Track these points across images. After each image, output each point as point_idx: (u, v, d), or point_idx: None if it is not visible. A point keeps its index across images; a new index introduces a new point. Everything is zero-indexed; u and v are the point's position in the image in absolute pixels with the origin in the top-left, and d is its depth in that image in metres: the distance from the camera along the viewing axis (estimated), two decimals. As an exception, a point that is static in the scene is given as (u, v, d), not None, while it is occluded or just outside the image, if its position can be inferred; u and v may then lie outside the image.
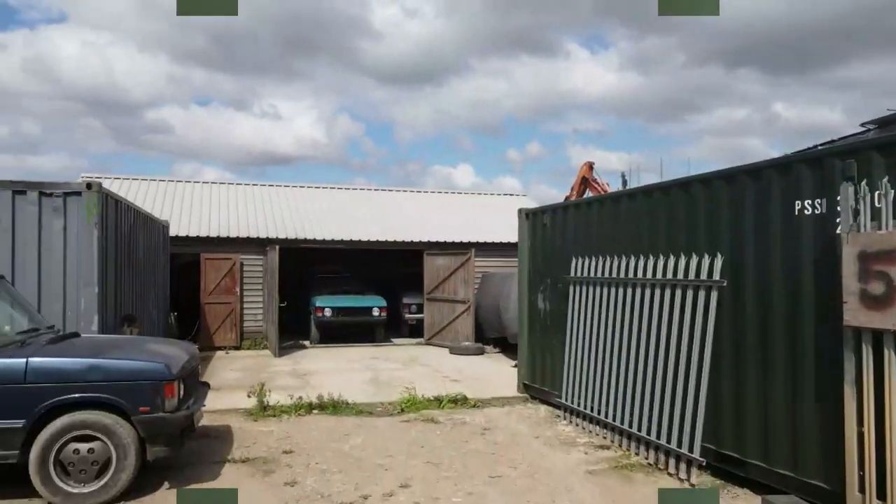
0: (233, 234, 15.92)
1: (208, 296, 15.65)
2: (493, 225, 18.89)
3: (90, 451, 5.45)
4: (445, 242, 17.26)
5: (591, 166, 29.47)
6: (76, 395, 5.44)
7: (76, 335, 6.67)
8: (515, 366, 12.60)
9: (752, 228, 6.05)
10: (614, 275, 7.87)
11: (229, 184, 19.16)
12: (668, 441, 6.61)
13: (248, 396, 9.07)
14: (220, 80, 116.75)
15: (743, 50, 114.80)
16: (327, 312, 16.53)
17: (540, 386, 9.81)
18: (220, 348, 15.51)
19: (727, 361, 6.26)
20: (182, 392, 5.97)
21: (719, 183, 6.45)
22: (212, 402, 7.83)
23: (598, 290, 8.21)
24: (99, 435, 5.46)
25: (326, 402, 9.03)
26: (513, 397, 10.17)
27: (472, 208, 20.26)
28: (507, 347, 15.12)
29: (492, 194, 22.03)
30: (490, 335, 15.82)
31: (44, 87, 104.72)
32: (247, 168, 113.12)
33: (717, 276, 6.35)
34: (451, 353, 15.19)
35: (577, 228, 8.97)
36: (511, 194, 22.07)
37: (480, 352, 15.15)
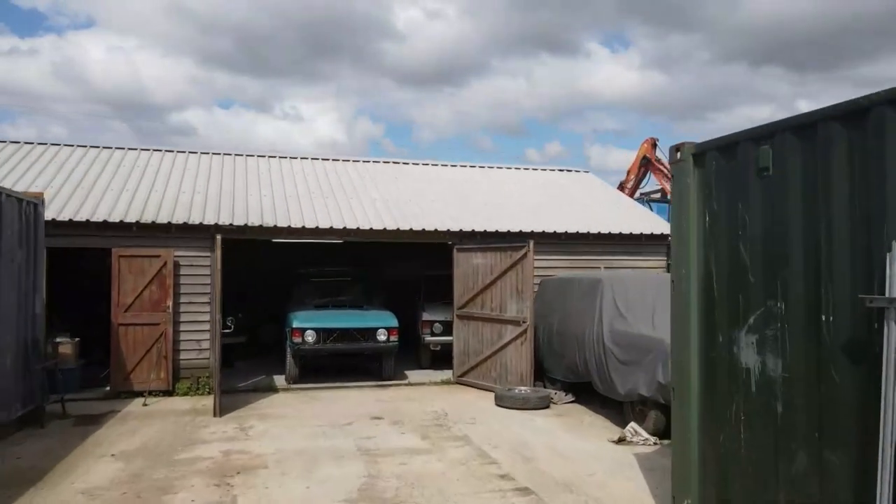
0: (163, 219, 10.43)
1: (124, 313, 10.17)
2: (551, 209, 13.26)
3: None
4: (486, 232, 11.65)
5: (654, 144, 23.66)
6: None
7: None
8: (621, 440, 7.61)
9: None
10: None
11: (179, 152, 13.67)
12: None
13: None
14: (243, 83, 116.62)
15: (767, 47, 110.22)
16: (310, 337, 11.01)
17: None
18: (139, 394, 10.04)
19: None
20: None
21: None
22: None
23: None
24: None
25: None
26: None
27: (521, 187, 14.61)
28: (581, 390, 9.51)
29: (543, 169, 16.31)
30: (554, 373, 10.20)
31: (71, 91, 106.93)
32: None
33: None
34: (498, 403, 9.59)
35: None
36: (566, 169, 16.36)
37: (546, 404, 9.50)
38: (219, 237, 8.98)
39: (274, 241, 11.53)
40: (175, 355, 10.29)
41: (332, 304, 12.20)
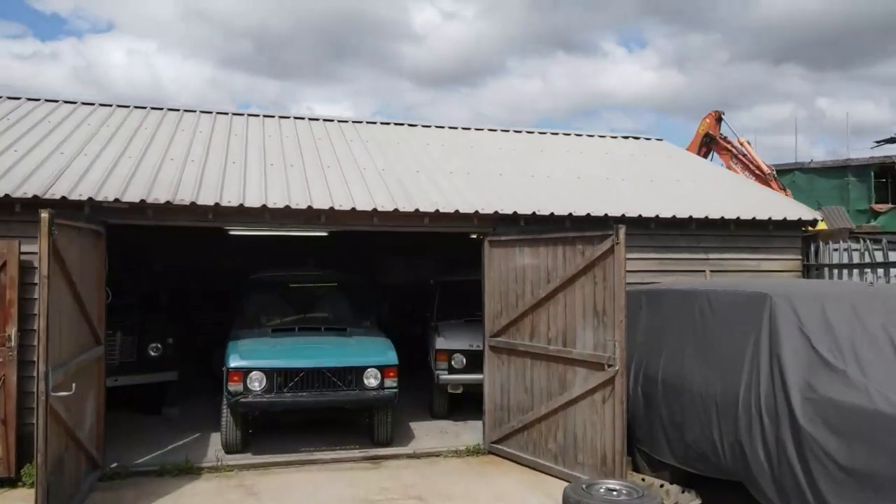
0: (12, 190, 6.27)
1: (-64, 346, 6.06)
2: (627, 186, 9.03)
3: None
4: (534, 217, 7.43)
5: (718, 118, 19.28)
6: None
7: None
8: None
9: None
10: None
11: (85, 104, 9.48)
12: None
13: None
14: (262, 84, 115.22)
15: (786, 46, 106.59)
16: (256, 382, 6.86)
17: None
18: (-43, 486, 5.91)
19: None
20: None
21: None
22: None
23: None
24: None
25: None
26: None
27: (579, 158, 10.33)
28: (716, 486, 5.27)
29: (602, 136, 11.85)
30: (658, 451, 5.94)
31: (92, 94, 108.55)
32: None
33: None
34: (569, 502, 5.35)
35: None
36: (634, 136, 11.96)
37: (657, 515, 5.26)
38: (45, 216, 4.79)
39: (231, 233, 7.53)
40: (22, 418, 6.13)
41: (299, 325, 8.04)
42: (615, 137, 11.70)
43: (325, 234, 8.83)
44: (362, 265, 10.83)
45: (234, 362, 6.91)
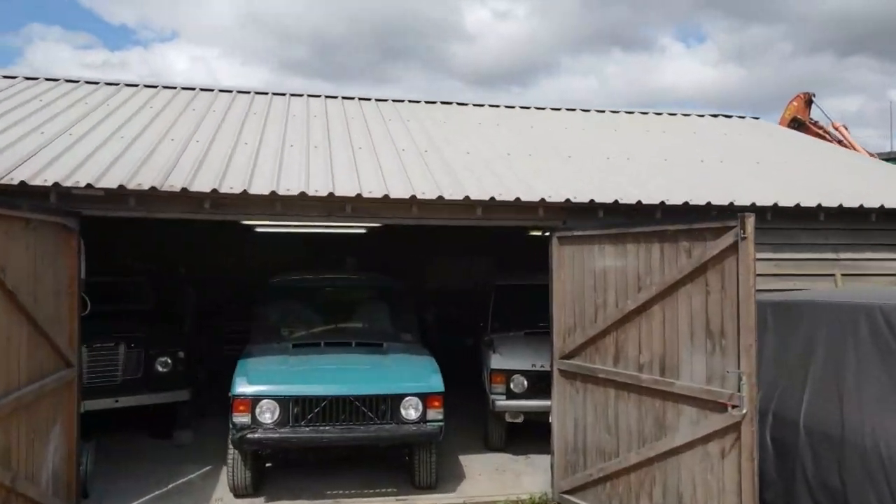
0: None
1: None
2: (731, 171, 7.32)
3: None
4: (616, 206, 5.82)
5: (808, 101, 17.09)
6: None
7: None
8: None
9: None
10: None
11: (90, 82, 8.32)
12: None
13: None
14: (317, 87, 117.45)
15: (855, 36, 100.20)
16: (267, 413, 5.50)
17: None
18: None
19: None
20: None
21: None
22: None
23: None
24: None
25: None
26: None
27: (668, 139, 8.63)
28: None
29: (687, 114, 9.99)
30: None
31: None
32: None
33: None
34: None
35: None
36: (727, 115, 10.10)
37: None
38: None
39: (258, 230, 6.30)
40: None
41: (326, 339, 6.64)
42: (702, 116, 9.92)
43: (361, 230, 7.46)
44: (408, 267, 9.44)
45: (240, 387, 5.56)
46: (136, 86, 8.27)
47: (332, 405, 5.57)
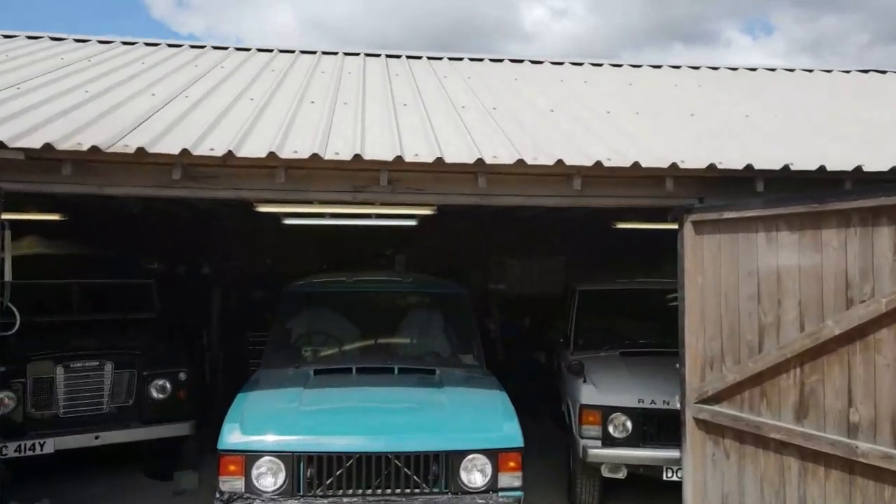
0: None
1: None
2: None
3: None
4: (788, 170, 3.86)
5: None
6: None
7: None
8: None
9: None
10: None
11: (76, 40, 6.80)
12: None
13: None
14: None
15: None
16: (269, 476, 3.78)
17: None
18: None
19: None
20: None
21: None
22: None
23: None
24: None
25: None
26: None
27: (806, 93, 6.56)
28: None
29: (832, 70, 7.71)
30: None
31: None
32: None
33: None
34: None
35: None
36: (866, 70, 7.88)
37: None
38: None
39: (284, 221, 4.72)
40: None
41: (359, 364, 4.87)
42: (847, 72, 7.67)
43: (410, 221, 5.75)
44: (470, 267, 7.72)
45: (230, 437, 3.86)
46: (135, 43, 6.75)
47: (361, 465, 3.81)
